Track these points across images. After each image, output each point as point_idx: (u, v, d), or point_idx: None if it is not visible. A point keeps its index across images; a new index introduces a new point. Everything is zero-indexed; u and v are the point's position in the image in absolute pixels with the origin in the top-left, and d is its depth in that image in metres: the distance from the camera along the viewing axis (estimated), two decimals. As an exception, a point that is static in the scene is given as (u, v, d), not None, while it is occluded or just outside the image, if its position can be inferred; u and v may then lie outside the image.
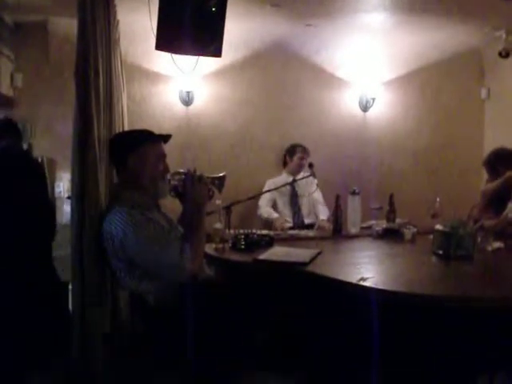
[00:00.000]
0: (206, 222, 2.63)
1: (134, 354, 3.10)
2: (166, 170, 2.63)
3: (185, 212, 2.75)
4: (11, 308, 2.76)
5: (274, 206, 4.93)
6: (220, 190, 2.79)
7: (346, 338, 2.62)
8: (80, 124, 2.49)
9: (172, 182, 2.62)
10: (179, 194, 2.65)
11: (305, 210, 4.96)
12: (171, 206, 2.79)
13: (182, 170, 2.65)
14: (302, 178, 4.49)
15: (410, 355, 2.43)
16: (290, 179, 4.79)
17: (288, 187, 4.81)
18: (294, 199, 4.96)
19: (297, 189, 4.93)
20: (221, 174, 2.78)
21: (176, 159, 2.69)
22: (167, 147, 2.67)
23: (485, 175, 4.49)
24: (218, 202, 3.04)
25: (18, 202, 2.81)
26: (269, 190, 4.67)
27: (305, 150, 5.07)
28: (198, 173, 2.62)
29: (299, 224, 4.80)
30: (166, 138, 2.66)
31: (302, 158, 5.02)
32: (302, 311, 2.73)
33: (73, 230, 2.55)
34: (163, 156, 2.63)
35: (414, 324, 2.40)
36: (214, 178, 2.74)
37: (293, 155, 5.09)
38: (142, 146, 2.56)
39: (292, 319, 2.69)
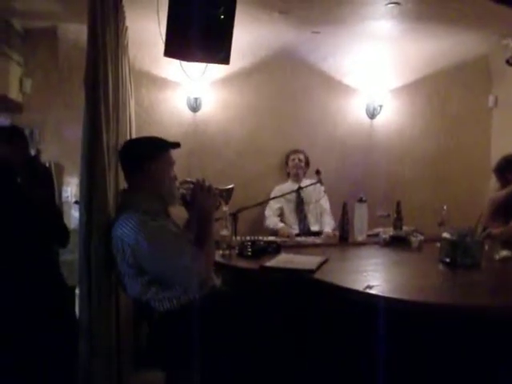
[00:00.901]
0: (214, 230, 2.65)
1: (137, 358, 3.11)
2: (175, 177, 2.65)
3: (191, 220, 2.76)
4: (13, 308, 2.77)
5: (281, 214, 4.90)
6: (227, 202, 2.82)
7: (351, 345, 2.62)
8: (89, 130, 2.50)
9: (181, 191, 2.63)
10: (187, 202, 2.66)
11: (311, 218, 4.92)
12: (176, 212, 2.79)
13: (189, 179, 2.67)
14: (310, 185, 4.49)
15: (416, 363, 2.43)
16: (295, 186, 4.80)
17: (294, 194, 4.81)
18: (300, 206, 4.93)
19: (302, 195, 4.90)
20: (229, 187, 2.80)
21: (182, 165, 2.70)
22: (174, 153, 2.68)
23: (492, 183, 4.47)
24: (224, 208, 3.04)
25: (21, 207, 2.82)
26: (274, 198, 4.68)
27: (295, 151, 5.11)
28: (206, 183, 2.62)
29: (305, 231, 4.76)
30: (176, 145, 2.69)
31: (294, 159, 5.05)
32: (308, 318, 2.73)
33: (80, 235, 2.55)
34: (173, 163, 2.66)
35: (421, 332, 2.40)
36: (222, 190, 2.75)
37: (287, 162, 5.14)
38: (160, 154, 2.59)
39: (298, 326, 2.69)
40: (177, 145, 2.67)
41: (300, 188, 4.67)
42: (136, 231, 2.38)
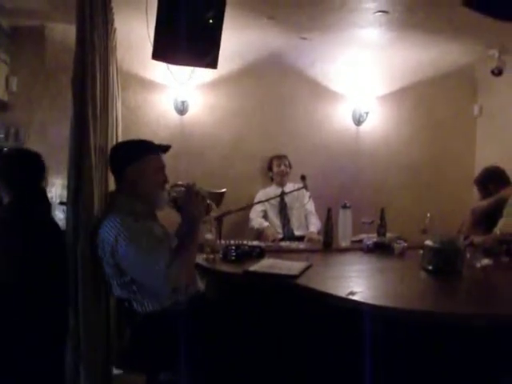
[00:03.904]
0: (199, 235, 2.63)
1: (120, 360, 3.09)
2: (165, 180, 2.63)
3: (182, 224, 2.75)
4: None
5: (265, 217, 4.92)
6: (218, 205, 2.80)
7: (334, 351, 2.63)
8: (76, 131, 2.49)
9: (171, 194, 2.61)
10: (178, 206, 2.63)
11: (295, 222, 4.95)
12: (169, 216, 2.77)
13: (180, 183, 2.65)
14: (295, 190, 4.50)
15: (398, 370, 2.44)
16: (279, 190, 4.83)
17: (277, 198, 4.82)
18: (284, 211, 4.96)
19: (286, 200, 4.94)
20: (221, 191, 2.80)
21: (169, 168, 2.69)
22: (160, 155, 2.68)
23: (475, 192, 4.52)
24: (212, 214, 3.03)
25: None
26: (258, 202, 4.71)
27: (279, 157, 5.14)
28: (197, 186, 2.60)
29: (289, 235, 4.80)
30: (165, 148, 2.67)
31: (279, 165, 5.08)
32: (291, 323, 2.73)
33: (67, 237, 2.55)
34: (162, 167, 2.64)
35: (403, 339, 2.41)
36: (213, 194, 2.74)
37: (272, 167, 5.17)
38: (141, 158, 2.56)
39: (281, 331, 2.69)
40: (165, 148, 2.66)
41: (284, 193, 4.69)
42: (116, 231, 2.38)
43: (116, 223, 2.40)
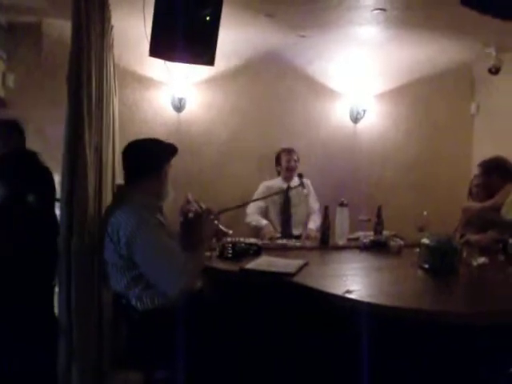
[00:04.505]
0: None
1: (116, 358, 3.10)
2: None
3: (182, 238, 2.80)
4: None
5: (265, 213, 4.79)
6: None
7: (330, 349, 2.63)
8: (71, 129, 2.49)
9: (184, 209, 2.78)
10: (187, 222, 2.77)
11: (296, 219, 4.83)
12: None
13: (190, 197, 2.80)
14: (293, 188, 4.48)
15: (394, 368, 2.44)
16: (285, 185, 4.75)
17: (281, 195, 4.73)
18: (286, 206, 4.82)
19: (290, 195, 4.79)
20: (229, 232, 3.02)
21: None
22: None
23: (475, 176, 4.39)
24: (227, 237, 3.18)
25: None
26: (260, 199, 4.60)
27: (289, 151, 4.93)
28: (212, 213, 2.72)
29: (287, 234, 4.67)
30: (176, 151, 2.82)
31: (288, 160, 4.87)
32: (287, 321, 2.74)
33: (61, 233, 2.54)
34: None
35: (399, 337, 2.42)
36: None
37: (280, 162, 4.98)
38: (171, 159, 2.73)
39: (278, 329, 2.70)
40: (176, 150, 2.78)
41: (289, 188, 4.63)
42: (136, 223, 2.41)
43: (135, 215, 2.45)
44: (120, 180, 3.02)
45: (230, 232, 3.00)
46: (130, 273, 2.47)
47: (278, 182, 4.90)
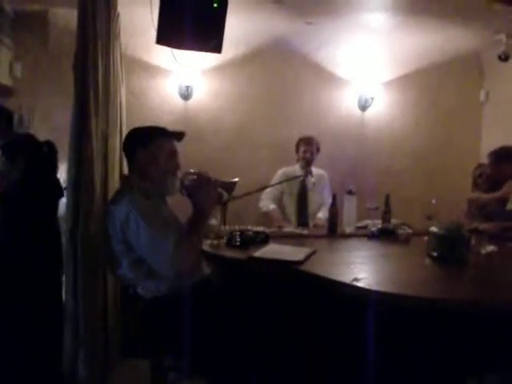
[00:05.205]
0: (206, 224, 2.64)
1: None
2: (177, 167, 2.64)
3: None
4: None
5: (279, 201, 4.72)
6: (230, 194, 2.82)
7: (338, 337, 2.63)
8: (78, 117, 2.49)
9: (185, 183, 2.60)
10: (190, 194, 2.60)
11: (312, 209, 4.75)
12: (179, 205, 2.75)
13: (192, 170, 2.64)
14: (295, 178, 4.47)
15: (402, 356, 2.44)
16: (303, 172, 4.67)
17: (298, 182, 4.69)
18: (303, 195, 4.74)
19: (306, 183, 4.74)
20: (233, 180, 2.79)
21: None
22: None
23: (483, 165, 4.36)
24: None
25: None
26: (278, 183, 4.54)
27: (307, 142, 4.81)
28: (208, 175, 2.59)
29: (304, 224, 4.56)
30: (179, 135, 2.68)
31: (305, 152, 4.76)
32: (295, 309, 2.74)
33: (67, 222, 2.55)
34: (174, 153, 2.64)
35: (406, 325, 2.41)
36: (225, 183, 2.73)
37: (298, 150, 4.85)
38: (153, 142, 2.58)
39: (285, 317, 2.70)
40: (179, 135, 2.67)
41: (307, 174, 4.56)
42: (128, 207, 2.40)
43: (128, 200, 2.42)
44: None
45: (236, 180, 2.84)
46: (129, 256, 2.46)
47: (296, 170, 4.79)
